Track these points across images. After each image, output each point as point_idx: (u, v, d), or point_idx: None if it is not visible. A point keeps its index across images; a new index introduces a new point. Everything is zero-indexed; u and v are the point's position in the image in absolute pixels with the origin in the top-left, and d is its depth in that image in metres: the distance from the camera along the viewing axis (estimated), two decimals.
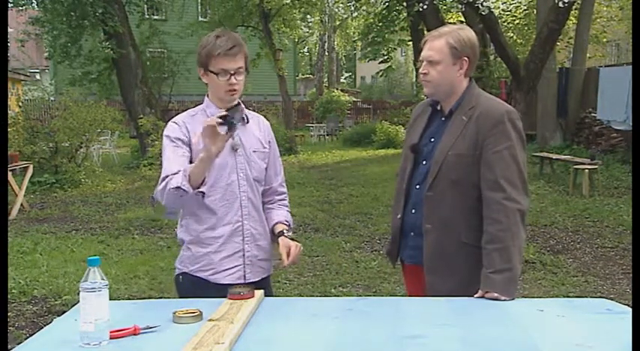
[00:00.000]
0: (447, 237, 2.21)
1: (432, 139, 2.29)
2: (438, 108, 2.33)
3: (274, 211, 2.42)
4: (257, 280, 2.32)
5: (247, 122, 2.34)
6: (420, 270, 2.30)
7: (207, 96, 2.32)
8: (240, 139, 2.29)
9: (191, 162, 2.19)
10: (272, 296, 2.38)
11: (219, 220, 2.25)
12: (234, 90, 2.22)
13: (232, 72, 2.18)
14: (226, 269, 2.27)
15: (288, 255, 2.22)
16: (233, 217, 2.26)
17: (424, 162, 2.29)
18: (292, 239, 2.29)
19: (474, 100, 2.24)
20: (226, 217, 2.25)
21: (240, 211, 2.27)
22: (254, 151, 2.32)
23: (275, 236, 2.35)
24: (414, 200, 2.30)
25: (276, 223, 2.37)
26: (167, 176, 2.13)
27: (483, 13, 9.88)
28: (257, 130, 2.38)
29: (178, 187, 2.05)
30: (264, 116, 2.53)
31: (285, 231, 2.33)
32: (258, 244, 2.33)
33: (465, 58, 2.21)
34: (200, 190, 2.08)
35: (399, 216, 2.35)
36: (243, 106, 2.24)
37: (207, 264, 2.26)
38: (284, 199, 2.49)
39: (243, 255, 2.29)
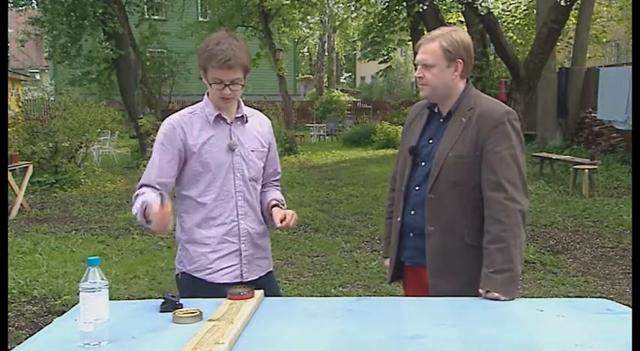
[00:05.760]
0: (450, 239, 2.21)
1: (431, 141, 2.29)
2: (436, 110, 2.33)
3: (267, 193, 2.43)
4: (255, 278, 2.32)
5: (246, 122, 2.32)
6: (420, 270, 2.29)
7: (207, 94, 2.30)
8: (239, 139, 2.28)
9: (185, 162, 2.21)
10: (277, 293, 2.39)
11: (214, 220, 2.25)
12: (228, 99, 2.22)
13: (227, 83, 2.17)
14: (222, 268, 2.27)
15: (282, 221, 2.23)
16: (228, 217, 2.26)
17: (423, 163, 2.28)
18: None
19: (472, 101, 2.24)
20: (220, 217, 2.25)
21: (236, 211, 2.27)
22: (252, 151, 2.31)
23: (270, 210, 2.35)
24: (414, 201, 2.29)
25: (270, 201, 2.38)
26: (142, 186, 2.20)
27: (482, 13, 9.88)
28: (258, 127, 2.37)
29: (135, 217, 2.11)
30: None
31: (280, 206, 2.35)
32: (255, 243, 2.33)
33: (459, 61, 2.21)
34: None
35: (399, 219, 2.35)
36: None
37: (203, 264, 2.26)
38: (277, 180, 2.51)
39: (240, 254, 2.29)
